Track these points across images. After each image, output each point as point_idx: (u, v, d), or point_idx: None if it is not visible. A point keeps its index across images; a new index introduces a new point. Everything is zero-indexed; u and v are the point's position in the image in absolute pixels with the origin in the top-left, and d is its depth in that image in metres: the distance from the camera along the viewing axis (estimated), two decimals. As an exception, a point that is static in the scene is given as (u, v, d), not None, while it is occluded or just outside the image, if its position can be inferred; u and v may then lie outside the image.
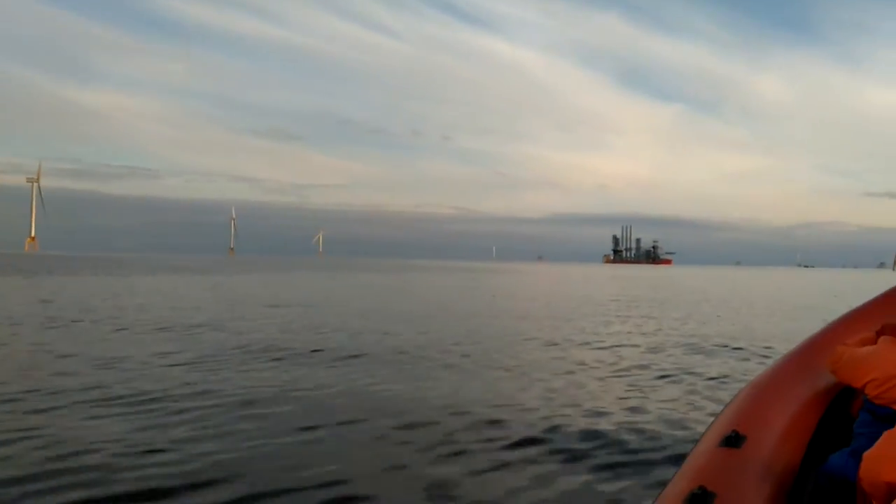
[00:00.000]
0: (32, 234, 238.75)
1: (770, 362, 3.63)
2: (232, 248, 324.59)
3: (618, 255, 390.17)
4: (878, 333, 2.68)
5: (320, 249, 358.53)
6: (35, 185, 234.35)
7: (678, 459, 3.73)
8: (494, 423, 5.64)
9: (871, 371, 2.49)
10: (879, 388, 2.45)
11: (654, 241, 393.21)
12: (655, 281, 50.40)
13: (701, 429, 5.16)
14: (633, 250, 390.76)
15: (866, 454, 2.00)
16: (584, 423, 5.68)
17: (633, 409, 6.30)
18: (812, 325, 4.17)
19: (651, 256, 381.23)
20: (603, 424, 5.66)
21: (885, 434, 1.96)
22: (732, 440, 2.46)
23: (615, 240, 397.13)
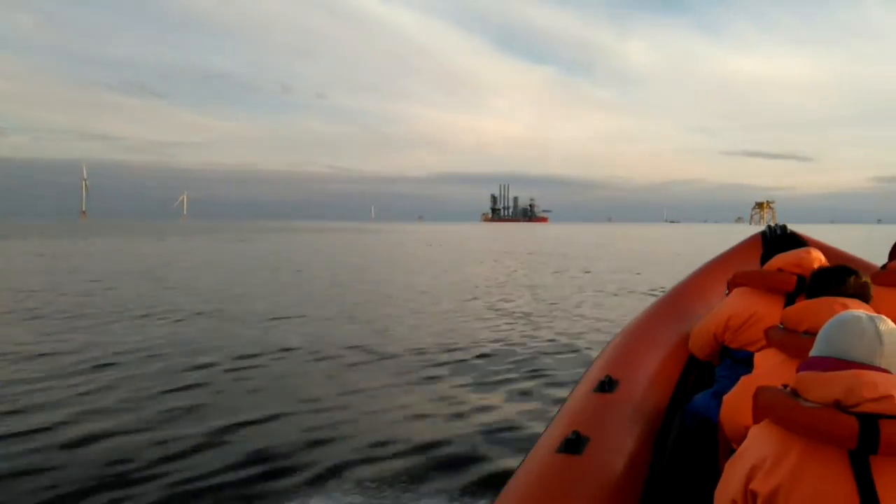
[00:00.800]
0: None
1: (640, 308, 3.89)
2: (84, 211, 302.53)
3: (496, 213, 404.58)
4: (730, 283, 2.89)
5: (185, 212, 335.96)
6: None
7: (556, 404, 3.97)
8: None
9: (724, 318, 2.69)
10: (734, 332, 2.65)
11: (531, 200, 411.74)
12: (527, 236, 52.80)
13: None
14: (511, 209, 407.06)
15: (725, 398, 2.15)
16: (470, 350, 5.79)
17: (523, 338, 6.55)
18: (678, 274, 4.51)
19: (528, 214, 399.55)
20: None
21: (742, 379, 2.10)
22: (605, 385, 2.57)
23: (493, 198, 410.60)
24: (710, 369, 2.97)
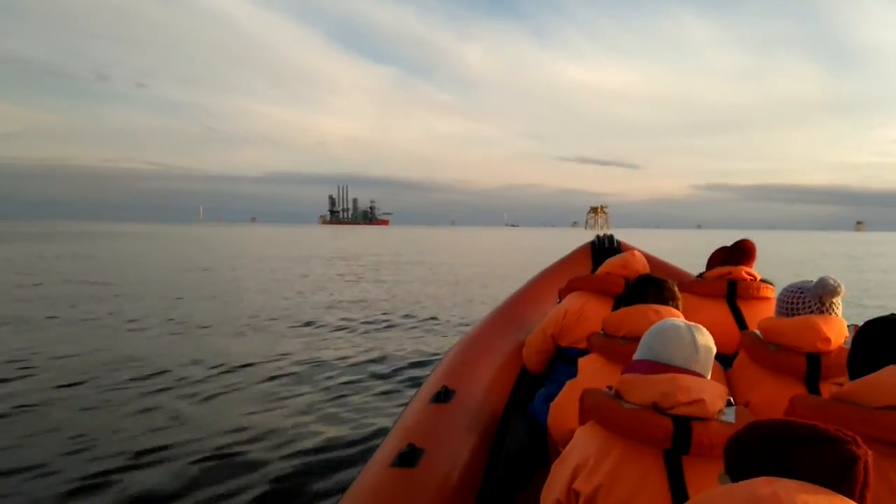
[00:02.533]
0: None
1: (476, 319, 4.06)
2: None
3: (334, 215, 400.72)
4: (561, 292, 3.14)
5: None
6: None
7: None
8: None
9: (559, 316, 2.92)
10: (562, 331, 2.90)
11: (372, 202, 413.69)
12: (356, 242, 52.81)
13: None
14: (351, 211, 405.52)
15: (553, 404, 2.32)
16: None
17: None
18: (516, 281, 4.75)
19: (369, 217, 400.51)
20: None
21: (567, 384, 2.28)
22: (442, 396, 2.67)
23: (332, 200, 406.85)
24: (544, 376, 3.18)
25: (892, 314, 1.60)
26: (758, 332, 2.19)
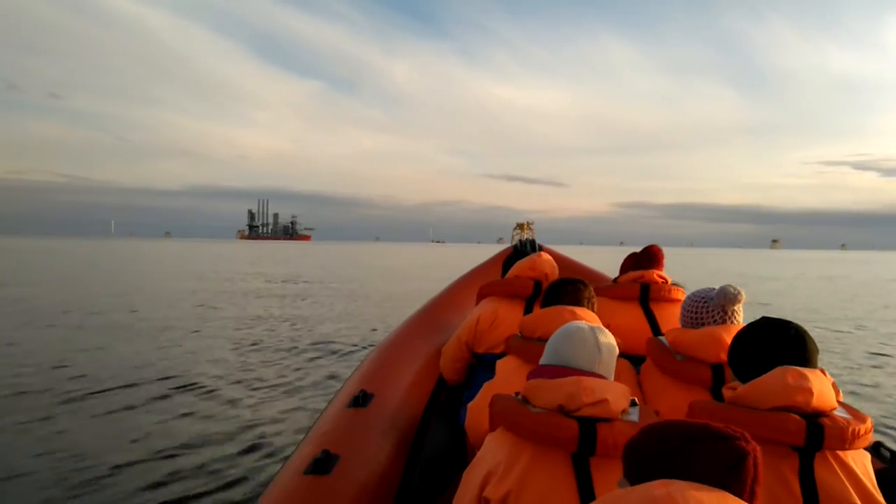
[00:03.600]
0: None
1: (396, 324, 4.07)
2: None
3: (253, 230, 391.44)
4: (478, 296, 3.19)
5: None
6: None
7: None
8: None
9: (473, 324, 2.97)
10: (477, 338, 2.95)
11: (293, 216, 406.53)
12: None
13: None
14: (271, 225, 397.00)
15: (469, 406, 2.37)
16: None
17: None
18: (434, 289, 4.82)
19: (290, 232, 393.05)
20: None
21: (484, 386, 2.33)
22: (359, 400, 2.66)
23: (251, 214, 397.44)
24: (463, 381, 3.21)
25: (766, 317, 1.74)
26: (664, 339, 2.28)
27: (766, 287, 24.18)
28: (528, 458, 1.50)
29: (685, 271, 34.13)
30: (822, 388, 1.54)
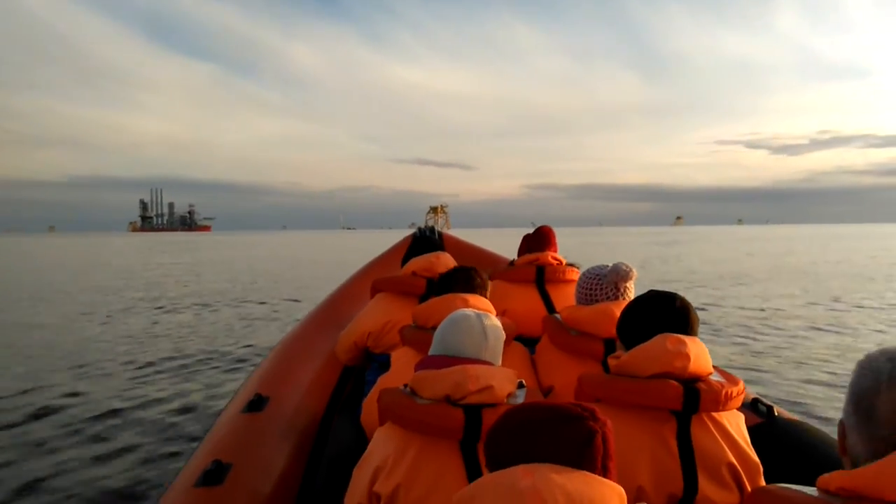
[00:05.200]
0: None
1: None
2: None
3: (147, 221, 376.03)
4: (372, 289, 3.20)
5: None
6: None
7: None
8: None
9: (364, 327, 2.99)
10: (374, 340, 2.97)
11: (191, 206, 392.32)
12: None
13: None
14: (166, 216, 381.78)
15: (365, 401, 2.39)
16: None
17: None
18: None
19: (187, 223, 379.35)
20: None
21: (380, 379, 2.34)
22: (255, 404, 2.61)
23: (143, 205, 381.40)
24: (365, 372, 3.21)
25: (652, 290, 1.84)
26: (559, 316, 2.38)
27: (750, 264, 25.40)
28: (416, 451, 1.53)
29: (641, 250, 35.32)
30: (699, 354, 1.66)
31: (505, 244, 3.97)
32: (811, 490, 1.09)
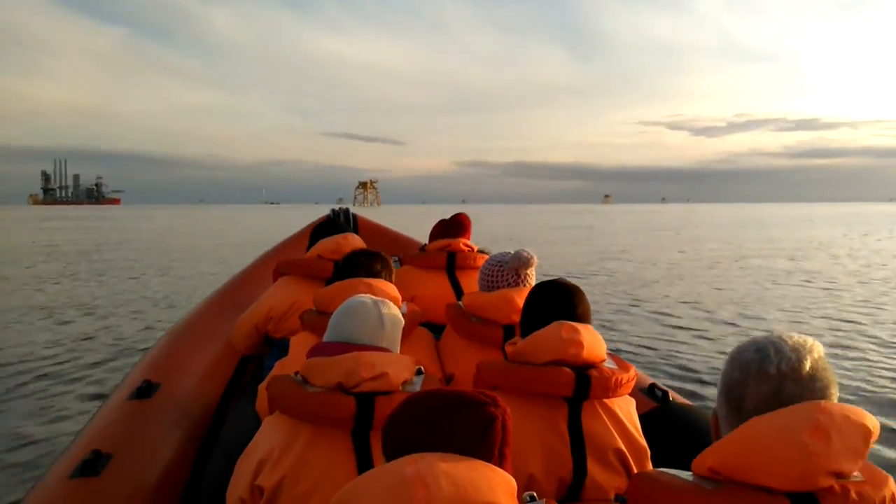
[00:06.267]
0: None
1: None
2: None
3: (49, 194, 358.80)
4: (275, 272, 3.15)
5: None
6: None
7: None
8: None
9: (265, 310, 2.94)
10: (276, 324, 2.93)
11: (98, 178, 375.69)
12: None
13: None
14: (71, 188, 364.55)
15: (260, 388, 2.35)
16: None
17: None
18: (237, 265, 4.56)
19: (94, 196, 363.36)
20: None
21: (277, 364, 2.33)
22: (143, 391, 2.53)
23: (45, 176, 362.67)
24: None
25: (550, 280, 1.93)
26: (461, 304, 2.42)
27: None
28: (304, 441, 1.51)
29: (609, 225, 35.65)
30: (593, 341, 1.74)
31: (435, 221, 3.97)
32: (688, 475, 1.14)
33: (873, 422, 1.09)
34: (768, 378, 1.13)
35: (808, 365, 1.13)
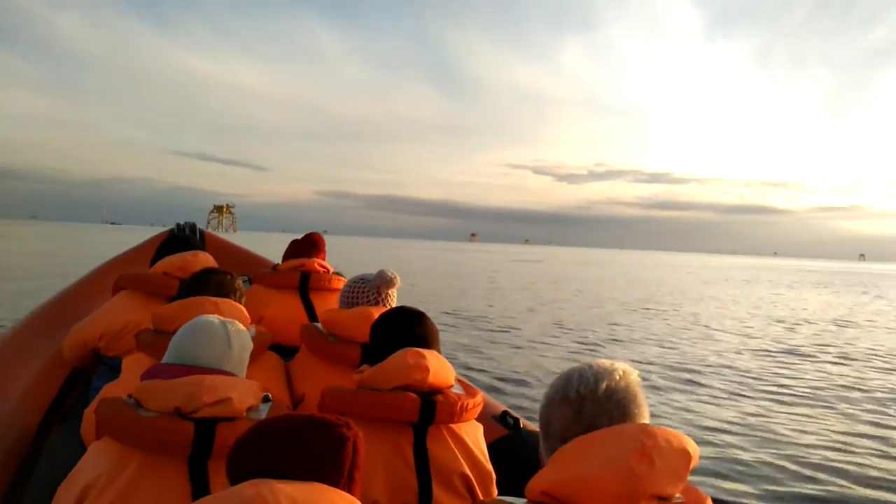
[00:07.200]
0: None
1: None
2: None
3: None
4: (115, 287, 2.98)
5: None
6: None
7: None
8: None
9: (98, 326, 2.77)
10: (109, 342, 2.76)
11: None
12: None
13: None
14: None
15: (87, 410, 2.22)
16: None
17: None
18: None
19: None
20: None
21: (105, 387, 2.19)
22: None
23: None
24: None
25: (400, 306, 1.98)
26: (319, 324, 2.40)
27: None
28: (134, 468, 1.43)
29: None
30: (439, 366, 1.78)
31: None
32: (523, 502, 1.17)
33: (694, 447, 1.15)
34: (569, 401, 1.21)
35: (604, 385, 1.20)
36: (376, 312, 2.16)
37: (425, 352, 1.78)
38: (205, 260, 2.96)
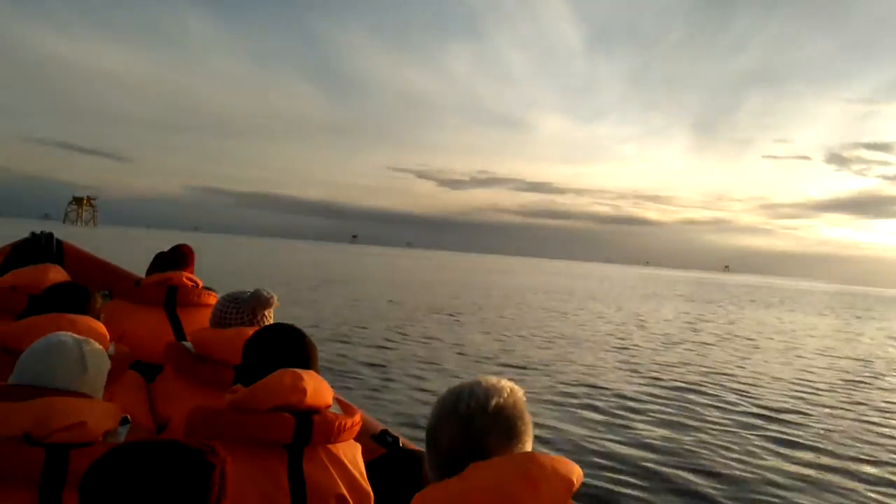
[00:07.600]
0: None
1: None
2: None
3: None
4: None
5: None
6: None
7: None
8: None
9: None
10: None
11: None
12: None
13: None
14: None
15: None
16: None
17: None
18: None
19: None
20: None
21: None
22: None
23: None
24: None
25: (276, 323, 2.00)
26: (188, 342, 2.35)
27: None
28: None
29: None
30: (317, 386, 1.75)
31: (161, 247, 3.33)
32: None
33: (578, 472, 1.19)
34: (458, 417, 1.21)
35: (493, 402, 1.21)
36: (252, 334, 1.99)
37: (303, 372, 1.73)
38: (55, 275, 2.87)
